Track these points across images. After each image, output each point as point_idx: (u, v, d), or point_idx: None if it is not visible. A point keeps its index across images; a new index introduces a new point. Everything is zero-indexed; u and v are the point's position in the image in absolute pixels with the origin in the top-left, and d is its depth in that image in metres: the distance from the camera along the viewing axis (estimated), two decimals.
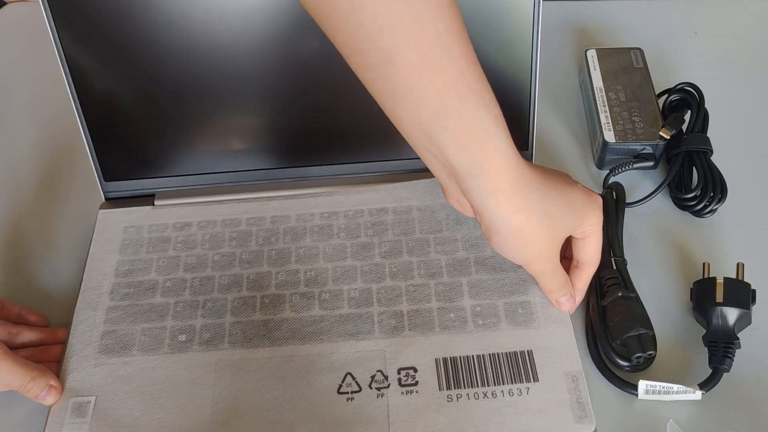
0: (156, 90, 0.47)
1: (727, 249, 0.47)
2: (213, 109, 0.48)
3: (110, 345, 0.44)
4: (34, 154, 0.56)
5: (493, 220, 0.38)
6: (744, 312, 0.42)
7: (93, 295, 0.46)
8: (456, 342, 0.42)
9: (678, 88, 0.53)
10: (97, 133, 0.48)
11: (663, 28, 0.62)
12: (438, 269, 0.46)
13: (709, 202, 0.48)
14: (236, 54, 0.46)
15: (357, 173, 0.50)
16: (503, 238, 0.39)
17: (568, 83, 0.59)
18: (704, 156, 0.50)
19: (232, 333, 0.44)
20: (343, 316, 0.44)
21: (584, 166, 0.53)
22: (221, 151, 0.49)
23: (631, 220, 0.49)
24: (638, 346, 0.41)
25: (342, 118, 0.49)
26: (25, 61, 0.63)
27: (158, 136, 0.48)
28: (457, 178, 0.37)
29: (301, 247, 0.47)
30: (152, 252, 0.48)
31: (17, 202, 0.52)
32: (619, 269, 0.44)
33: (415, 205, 0.49)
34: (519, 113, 0.49)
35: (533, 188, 0.37)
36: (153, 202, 0.50)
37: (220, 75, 0.47)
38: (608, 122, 0.52)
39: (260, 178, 0.50)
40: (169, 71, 0.47)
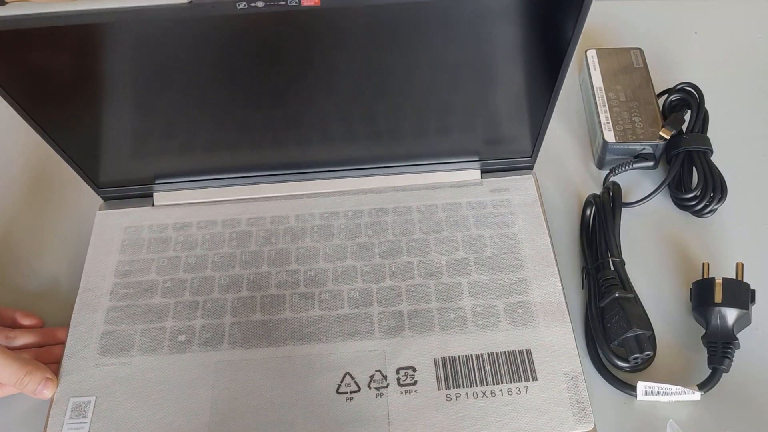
0: (154, 92, 0.47)
1: (727, 249, 0.47)
2: (212, 109, 0.48)
3: (109, 346, 0.44)
4: (31, 154, 0.56)
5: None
6: (743, 312, 0.42)
7: (92, 296, 0.46)
8: (455, 342, 0.42)
9: (678, 88, 0.53)
10: (73, 150, 0.46)
11: (663, 29, 0.62)
12: (438, 269, 0.46)
13: (709, 202, 0.48)
14: (237, 55, 0.46)
15: (358, 167, 0.50)
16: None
17: (567, 83, 0.59)
18: (704, 156, 0.50)
19: (231, 333, 0.44)
20: (342, 316, 0.44)
21: (584, 166, 0.53)
22: (218, 148, 0.49)
23: (631, 220, 0.49)
24: (636, 346, 0.41)
25: (342, 120, 0.49)
26: None
27: (156, 137, 0.48)
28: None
29: (300, 247, 0.47)
30: (152, 252, 0.48)
31: (14, 203, 0.53)
32: (616, 269, 0.44)
33: (415, 206, 0.49)
34: (520, 112, 0.48)
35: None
36: (152, 203, 0.50)
37: (222, 75, 0.47)
38: (608, 122, 0.51)
39: (260, 179, 0.50)
40: (170, 72, 0.47)
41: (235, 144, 0.49)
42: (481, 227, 0.48)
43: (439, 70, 0.44)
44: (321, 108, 0.48)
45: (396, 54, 0.42)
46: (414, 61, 0.43)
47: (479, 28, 0.41)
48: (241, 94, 0.47)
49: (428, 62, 0.44)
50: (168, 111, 0.47)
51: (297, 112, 0.48)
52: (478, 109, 0.48)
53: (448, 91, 0.47)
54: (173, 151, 0.49)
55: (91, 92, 0.41)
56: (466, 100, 0.48)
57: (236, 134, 0.49)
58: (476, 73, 0.45)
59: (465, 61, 0.44)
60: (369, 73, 0.47)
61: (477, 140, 0.49)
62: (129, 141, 0.47)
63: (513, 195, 0.49)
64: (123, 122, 0.45)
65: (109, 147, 0.47)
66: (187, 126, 0.48)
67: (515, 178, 0.50)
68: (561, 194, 0.51)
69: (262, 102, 0.48)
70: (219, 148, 0.49)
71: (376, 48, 0.44)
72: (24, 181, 0.54)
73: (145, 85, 0.42)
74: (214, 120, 0.48)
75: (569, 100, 0.57)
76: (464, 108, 0.48)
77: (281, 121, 0.48)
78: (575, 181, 0.52)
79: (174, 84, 0.43)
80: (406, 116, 0.48)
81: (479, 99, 0.48)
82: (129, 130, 0.46)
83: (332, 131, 0.49)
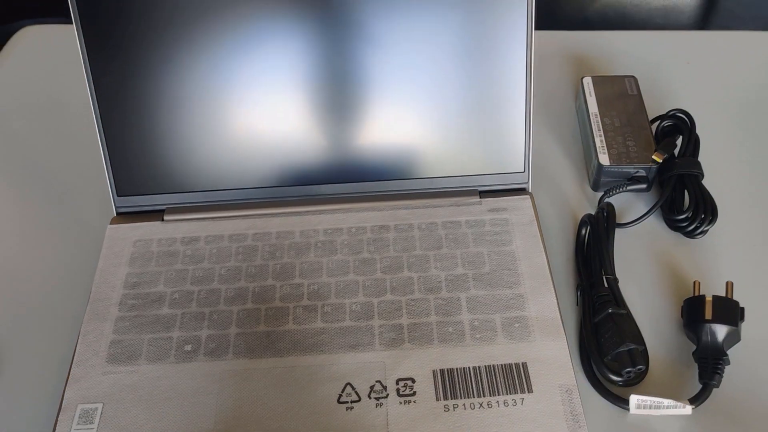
0: (171, 111, 0.49)
1: (717, 269, 0.49)
2: (223, 130, 0.50)
3: (117, 354, 0.45)
4: (50, 169, 0.57)
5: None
6: (732, 329, 0.43)
7: (101, 306, 0.47)
8: (453, 354, 0.44)
9: (670, 115, 0.55)
10: (114, 150, 0.50)
11: (656, 58, 0.64)
12: (437, 284, 0.47)
13: (700, 223, 0.50)
14: (248, 79, 0.49)
15: (361, 192, 0.52)
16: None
17: (564, 109, 0.61)
18: (695, 179, 0.52)
19: (236, 344, 0.45)
20: (344, 328, 0.45)
21: (580, 187, 0.55)
22: (230, 170, 0.51)
23: (625, 240, 0.51)
24: (629, 360, 0.42)
25: (347, 140, 0.51)
26: (41, 80, 0.65)
27: (170, 154, 0.50)
28: None
29: (304, 261, 0.49)
30: (161, 265, 0.49)
31: (31, 215, 0.54)
32: (610, 286, 0.46)
33: (416, 224, 0.51)
34: (515, 136, 0.51)
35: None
36: (162, 217, 0.52)
37: (232, 100, 0.49)
38: (603, 146, 0.53)
39: (266, 196, 0.52)
40: (186, 96, 0.49)
41: (247, 165, 0.51)
42: (479, 245, 0.49)
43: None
44: (331, 128, 0.50)
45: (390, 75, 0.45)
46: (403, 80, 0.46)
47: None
48: (257, 115, 0.49)
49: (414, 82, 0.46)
50: (190, 130, 0.50)
51: (304, 132, 0.50)
52: (468, 131, 0.50)
53: (443, 113, 0.50)
54: (189, 168, 0.51)
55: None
56: (458, 123, 0.50)
57: (247, 153, 0.51)
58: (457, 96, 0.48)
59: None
60: (372, 97, 0.49)
61: (473, 162, 0.51)
62: (157, 149, 0.49)
63: (511, 214, 0.51)
64: (161, 129, 0.48)
65: (140, 153, 0.50)
66: (197, 145, 0.50)
67: (513, 198, 0.52)
68: (557, 214, 0.53)
69: (273, 123, 0.50)
70: (231, 168, 0.51)
71: (378, 73, 0.46)
72: (45, 197, 0.56)
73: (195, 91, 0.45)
74: (227, 138, 0.50)
75: (566, 125, 0.59)
76: (458, 130, 0.50)
77: (289, 141, 0.50)
78: (571, 202, 0.54)
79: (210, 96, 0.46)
80: (408, 138, 0.50)
81: (464, 121, 0.50)
82: (162, 138, 0.48)
83: (337, 152, 0.51)
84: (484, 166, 0.51)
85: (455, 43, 0.48)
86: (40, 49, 0.68)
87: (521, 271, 0.48)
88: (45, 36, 0.70)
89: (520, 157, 0.51)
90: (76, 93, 0.63)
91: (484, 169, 0.52)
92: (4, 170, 0.57)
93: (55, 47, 0.68)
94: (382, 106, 0.50)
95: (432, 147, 0.51)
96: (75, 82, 0.64)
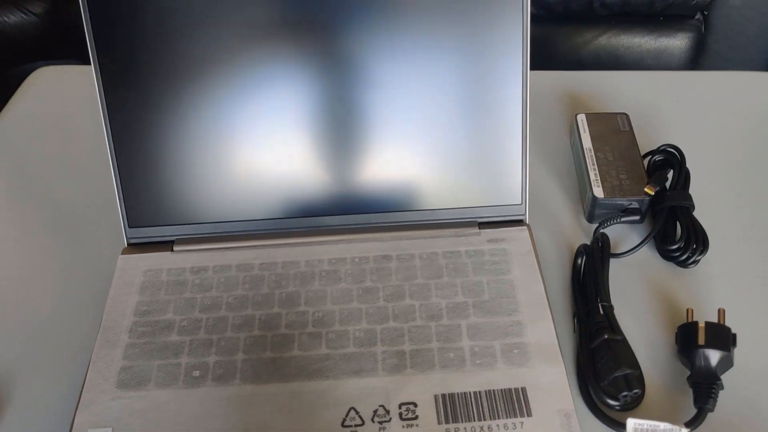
0: (181, 147, 0.51)
1: (709, 296, 0.50)
2: (231, 165, 0.52)
3: (127, 380, 0.46)
4: (64, 203, 0.59)
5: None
6: (725, 354, 0.44)
7: (112, 333, 0.49)
8: (455, 379, 0.45)
9: (661, 149, 0.57)
10: (126, 183, 0.52)
11: (647, 97, 0.67)
12: (438, 312, 0.49)
13: (692, 253, 0.51)
14: (255, 118, 0.51)
15: (364, 224, 0.54)
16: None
17: (560, 145, 0.63)
18: (687, 211, 0.54)
19: (243, 370, 0.46)
20: (348, 354, 0.47)
21: (575, 219, 0.57)
22: (237, 202, 0.53)
23: (620, 270, 0.52)
24: (625, 385, 0.43)
25: (350, 174, 0.53)
26: (56, 117, 0.67)
27: (180, 188, 0.52)
28: None
29: (309, 290, 0.50)
30: (170, 293, 0.51)
31: (46, 246, 0.56)
32: (606, 314, 0.47)
33: (417, 254, 0.52)
34: (512, 170, 0.53)
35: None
36: (172, 248, 0.54)
37: (240, 137, 0.51)
38: (597, 179, 0.55)
39: (273, 227, 0.54)
40: (196, 132, 0.51)
41: (254, 198, 0.53)
42: (479, 274, 0.51)
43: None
44: (336, 163, 0.52)
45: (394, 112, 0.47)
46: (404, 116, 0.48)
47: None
48: (266, 152, 0.52)
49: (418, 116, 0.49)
50: (200, 165, 0.52)
51: (311, 166, 0.52)
52: (467, 165, 0.52)
53: (443, 147, 0.52)
54: (198, 201, 0.53)
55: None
56: (457, 158, 0.52)
57: (254, 186, 0.53)
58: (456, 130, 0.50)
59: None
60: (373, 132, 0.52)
61: (472, 194, 0.53)
62: (168, 183, 0.51)
63: (509, 245, 0.53)
64: (172, 164, 0.50)
65: (151, 188, 0.52)
66: (207, 179, 0.52)
67: (511, 230, 0.54)
68: (554, 245, 0.55)
69: (281, 158, 0.52)
70: (238, 201, 0.53)
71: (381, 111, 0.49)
72: (59, 229, 0.57)
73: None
74: (236, 173, 0.52)
75: (561, 160, 0.62)
76: (458, 165, 0.52)
77: (295, 174, 0.53)
78: (567, 234, 0.55)
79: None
80: (412, 171, 0.52)
81: (463, 156, 0.52)
82: (175, 172, 0.51)
83: (341, 185, 0.53)
84: (483, 199, 0.53)
85: (454, 82, 0.51)
86: (55, 88, 0.71)
87: (520, 299, 0.49)
88: (59, 76, 0.73)
89: (517, 190, 0.53)
90: (89, 130, 0.66)
91: (483, 202, 0.53)
92: (22, 202, 0.59)
93: (69, 86, 0.71)
94: (384, 143, 0.52)
95: (432, 180, 0.53)
96: (88, 119, 0.67)
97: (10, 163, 0.63)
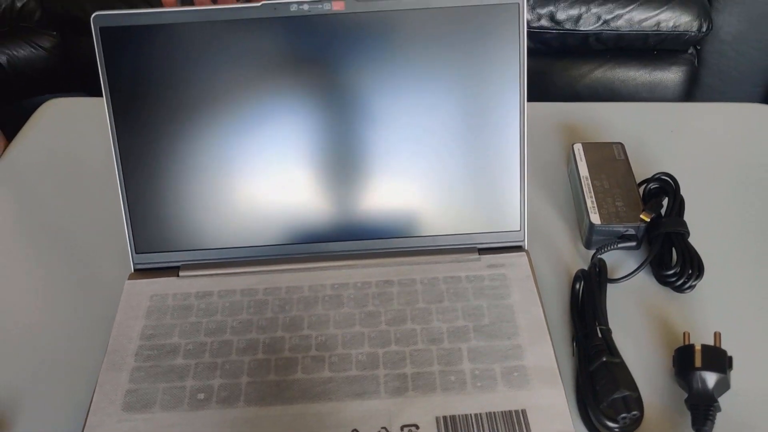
0: (188, 176, 0.53)
1: (705, 320, 0.51)
2: (236, 193, 0.54)
3: (133, 403, 0.47)
4: (73, 229, 0.61)
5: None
6: (722, 376, 0.45)
7: (118, 357, 0.49)
8: (456, 402, 0.46)
9: (656, 177, 0.59)
10: (134, 210, 0.53)
11: (642, 127, 0.69)
12: (439, 336, 0.49)
13: (688, 278, 0.52)
14: (259, 148, 0.53)
15: (366, 250, 0.55)
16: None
17: (557, 173, 0.65)
18: (682, 237, 0.55)
19: (247, 392, 0.47)
20: (350, 377, 0.47)
21: (573, 246, 0.58)
22: (242, 229, 0.54)
23: (618, 295, 0.53)
24: (623, 407, 0.44)
25: (353, 202, 0.54)
26: (66, 147, 0.69)
27: (186, 215, 0.54)
28: None
29: (313, 314, 0.51)
30: (175, 318, 0.52)
31: (55, 272, 0.57)
32: (604, 337, 0.48)
33: (419, 278, 0.53)
34: (511, 197, 0.54)
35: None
36: (178, 273, 0.55)
37: (245, 166, 0.53)
38: (594, 206, 0.57)
39: (277, 253, 0.55)
40: (203, 162, 0.53)
41: (258, 225, 0.54)
42: (479, 298, 0.52)
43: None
44: (339, 190, 0.54)
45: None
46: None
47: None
48: (271, 180, 0.53)
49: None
50: (206, 193, 0.53)
51: (314, 194, 0.54)
52: (467, 193, 0.54)
53: (443, 175, 0.53)
54: (204, 228, 0.54)
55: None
56: (457, 186, 0.53)
57: (259, 213, 0.54)
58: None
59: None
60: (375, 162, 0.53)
61: (472, 221, 0.54)
62: (174, 210, 0.53)
63: (508, 270, 0.54)
64: (179, 192, 0.51)
65: (158, 215, 0.54)
66: (213, 206, 0.54)
67: (510, 255, 0.55)
68: (553, 271, 0.56)
69: (285, 186, 0.54)
70: (243, 227, 0.54)
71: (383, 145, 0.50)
72: (67, 254, 0.59)
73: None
74: (241, 200, 0.54)
75: (559, 187, 0.63)
76: (458, 193, 0.54)
77: (300, 202, 0.54)
78: (566, 259, 0.56)
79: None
80: (412, 199, 0.54)
81: (463, 184, 0.53)
82: (182, 200, 0.52)
83: (344, 212, 0.54)
84: (483, 225, 0.55)
85: (454, 114, 0.53)
86: (64, 119, 0.73)
87: (519, 323, 0.50)
88: (68, 108, 0.75)
89: (516, 217, 0.55)
90: (97, 159, 0.67)
91: (483, 228, 0.55)
92: (32, 230, 0.61)
93: (78, 118, 0.73)
94: (386, 172, 0.53)
95: (433, 208, 0.54)
96: (96, 150, 0.68)
97: (22, 192, 0.65)
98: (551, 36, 1.21)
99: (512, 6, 0.51)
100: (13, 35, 1.31)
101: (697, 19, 1.17)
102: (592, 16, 1.18)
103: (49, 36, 1.33)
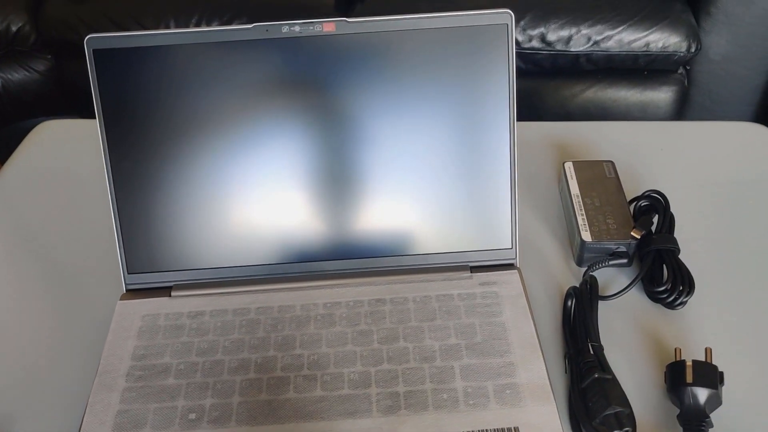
0: (180, 196, 0.53)
1: (696, 336, 0.51)
2: (228, 213, 0.54)
3: (123, 423, 0.46)
4: (65, 250, 0.61)
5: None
6: (713, 392, 0.45)
7: (109, 377, 0.49)
8: (448, 420, 0.45)
9: (646, 195, 0.59)
10: (126, 231, 0.54)
11: (632, 146, 0.69)
12: (432, 354, 0.49)
13: (679, 295, 0.53)
14: (252, 169, 0.53)
15: (358, 268, 0.55)
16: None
17: (549, 191, 0.65)
18: (672, 254, 0.55)
19: (239, 412, 0.47)
20: (342, 396, 0.47)
21: (565, 263, 0.58)
22: (234, 248, 0.54)
23: (609, 312, 0.53)
24: (616, 423, 0.44)
25: (345, 221, 0.54)
26: (58, 169, 0.69)
27: (178, 235, 0.54)
28: None
29: (305, 333, 0.51)
30: (167, 338, 0.51)
31: (47, 292, 0.57)
32: (596, 353, 0.48)
33: (411, 297, 0.53)
34: (503, 215, 0.54)
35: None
36: (170, 293, 0.55)
37: (237, 187, 0.53)
38: (585, 224, 0.57)
39: (269, 272, 0.55)
40: (195, 182, 0.53)
41: (250, 244, 0.54)
42: (471, 316, 0.52)
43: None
44: (330, 210, 0.54)
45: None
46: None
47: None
48: (263, 201, 0.53)
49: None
50: (198, 213, 0.53)
51: (306, 213, 0.54)
52: (459, 211, 0.54)
53: (435, 195, 0.54)
54: (196, 248, 0.54)
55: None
56: (449, 205, 0.54)
57: (251, 233, 0.54)
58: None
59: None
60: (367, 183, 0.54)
61: (464, 239, 0.55)
62: (166, 231, 0.53)
63: (500, 288, 0.54)
64: (171, 212, 0.52)
65: (150, 236, 0.54)
66: (204, 227, 0.54)
67: (502, 273, 0.55)
68: (545, 288, 0.56)
69: (277, 206, 0.54)
70: (235, 247, 0.54)
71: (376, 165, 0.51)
72: (59, 274, 0.58)
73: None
74: (232, 221, 0.54)
75: (550, 206, 0.63)
76: (450, 211, 0.54)
77: (291, 221, 0.54)
78: (557, 277, 0.57)
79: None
80: (406, 218, 0.54)
81: (455, 203, 0.54)
82: (174, 220, 0.52)
83: (336, 231, 0.54)
84: (475, 244, 0.55)
85: (444, 134, 0.53)
86: (58, 141, 0.73)
87: (511, 340, 0.50)
88: (62, 130, 0.75)
89: (507, 235, 0.55)
90: (90, 181, 0.68)
91: (475, 246, 0.55)
92: (25, 251, 0.61)
93: (71, 139, 0.73)
94: (378, 192, 0.54)
95: (425, 226, 0.54)
96: (89, 171, 0.69)
97: (15, 213, 0.65)
98: (542, 57, 1.23)
99: (501, 27, 0.51)
100: (8, 59, 1.32)
101: (686, 40, 1.19)
102: (583, 37, 1.20)
103: (43, 59, 1.34)
